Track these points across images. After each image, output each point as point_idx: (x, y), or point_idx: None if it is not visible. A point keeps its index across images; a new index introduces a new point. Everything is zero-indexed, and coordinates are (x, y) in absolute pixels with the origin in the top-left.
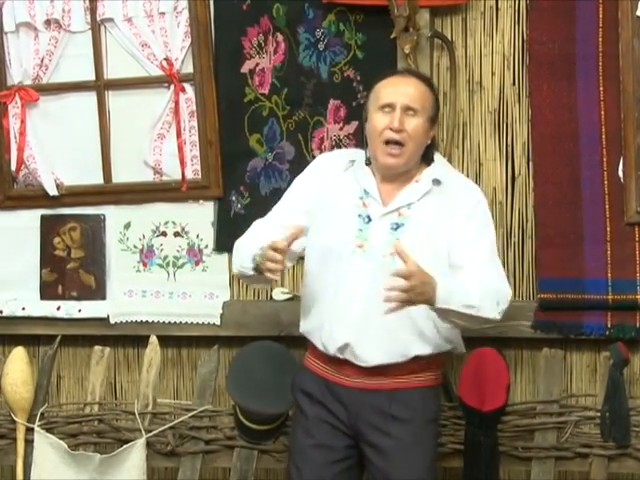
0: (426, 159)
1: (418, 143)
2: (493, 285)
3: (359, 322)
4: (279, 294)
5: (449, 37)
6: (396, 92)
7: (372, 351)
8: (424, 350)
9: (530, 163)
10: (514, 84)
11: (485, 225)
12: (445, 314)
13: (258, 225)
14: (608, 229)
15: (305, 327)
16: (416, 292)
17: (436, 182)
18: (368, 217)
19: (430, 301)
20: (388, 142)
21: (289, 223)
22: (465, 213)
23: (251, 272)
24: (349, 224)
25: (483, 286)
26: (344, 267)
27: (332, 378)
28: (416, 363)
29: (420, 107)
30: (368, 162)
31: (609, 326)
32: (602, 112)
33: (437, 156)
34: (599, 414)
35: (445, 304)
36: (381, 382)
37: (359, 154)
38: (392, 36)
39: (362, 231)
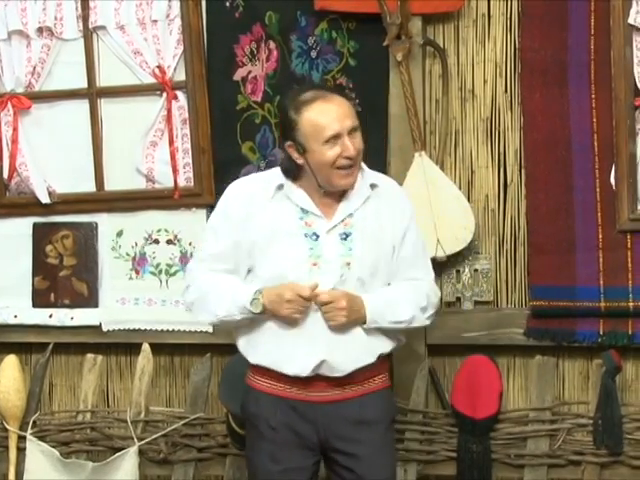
0: None
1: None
2: (423, 292)
3: (332, 337)
4: None
5: (441, 45)
6: (335, 120)
7: (347, 361)
8: (386, 347)
9: (522, 170)
10: (506, 92)
11: (418, 234)
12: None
13: (209, 275)
14: (600, 236)
15: (264, 359)
16: (348, 312)
17: (373, 186)
18: (315, 234)
19: (361, 320)
20: (341, 167)
21: (236, 266)
22: (403, 225)
23: (240, 317)
24: (298, 246)
25: (414, 298)
26: None
27: (298, 397)
28: (376, 365)
29: (356, 121)
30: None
31: (601, 333)
32: (594, 119)
33: None
34: (592, 421)
35: (374, 324)
36: (352, 389)
37: (279, 176)
38: (384, 44)
39: (313, 249)
